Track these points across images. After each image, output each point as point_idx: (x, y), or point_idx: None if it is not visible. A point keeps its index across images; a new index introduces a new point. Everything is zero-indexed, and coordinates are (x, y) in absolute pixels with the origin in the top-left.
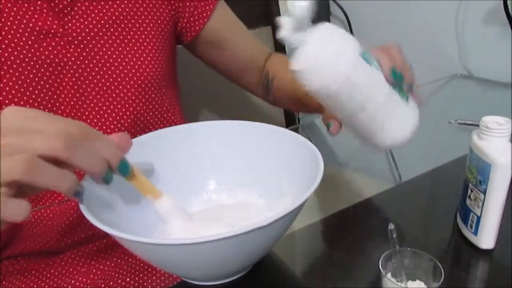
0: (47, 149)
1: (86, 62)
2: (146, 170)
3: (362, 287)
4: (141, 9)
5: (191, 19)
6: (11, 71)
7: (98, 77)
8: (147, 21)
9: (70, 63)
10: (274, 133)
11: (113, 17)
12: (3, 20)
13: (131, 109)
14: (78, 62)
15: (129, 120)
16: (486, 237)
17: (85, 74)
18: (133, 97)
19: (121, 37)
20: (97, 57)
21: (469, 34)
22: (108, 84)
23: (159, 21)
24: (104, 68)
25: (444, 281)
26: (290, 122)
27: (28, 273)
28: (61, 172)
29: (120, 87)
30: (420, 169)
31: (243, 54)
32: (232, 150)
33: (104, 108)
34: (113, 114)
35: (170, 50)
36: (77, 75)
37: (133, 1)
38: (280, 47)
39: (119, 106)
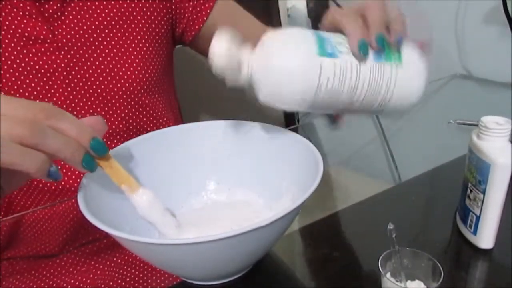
0: (14, 137)
1: (76, 68)
2: (145, 170)
3: (362, 287)
4: (133, 14)
5: (190, 18)
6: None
7: (89, 83)
8: (140, 25)
9: (60, 69)
10: (274, 133)
11: (104, 22)
12: None
13: (123, 115)
14: (68, 68)
15: (120, 126)
16: (486, 237)
17: (75, 80)
18: (125, 103)
19: (113, 42)
20: (88, 63)
21: (469, 34)
22: (99, 90)
23: (153, 26)
24: (95, 74)
25: (443, 281)
26: (290, 122)
27: (28, 273)
28: (28, 151)
29: (112, 93)
30: (419, 169)
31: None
32: (232, 150)
33: (96, 114)
34: (105, 120)
35: (164, 54)
36: (67, 81)
37: (124, 6)
38: None
39: (110, 112)
